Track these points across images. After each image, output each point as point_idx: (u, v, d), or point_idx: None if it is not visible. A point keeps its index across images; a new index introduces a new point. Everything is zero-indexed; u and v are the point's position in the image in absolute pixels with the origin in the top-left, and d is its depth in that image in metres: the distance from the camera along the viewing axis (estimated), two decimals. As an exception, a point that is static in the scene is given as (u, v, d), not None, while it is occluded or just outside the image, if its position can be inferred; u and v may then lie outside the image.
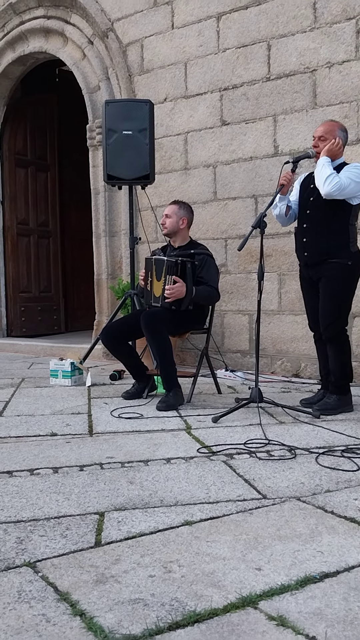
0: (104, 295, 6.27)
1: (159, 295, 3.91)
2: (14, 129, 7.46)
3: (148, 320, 3.83)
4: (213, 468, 2.59)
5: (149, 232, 5.73)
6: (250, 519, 2.04)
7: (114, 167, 4.83)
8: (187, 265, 3.84)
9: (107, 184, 5.56)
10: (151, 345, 3.91)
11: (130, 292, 4.93)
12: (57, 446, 2.95)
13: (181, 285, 3.81)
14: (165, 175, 5.69)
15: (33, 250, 7.73)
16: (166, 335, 3.85)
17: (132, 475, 2.50)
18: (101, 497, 2.25)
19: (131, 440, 3.05)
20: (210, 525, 1.98)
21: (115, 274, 6.21)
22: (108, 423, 3.43)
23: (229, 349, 5.39)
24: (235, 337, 5.38)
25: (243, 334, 5.34)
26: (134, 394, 4.10)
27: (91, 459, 2.72)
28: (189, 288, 3.83)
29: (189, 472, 2.53)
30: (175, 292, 3.81)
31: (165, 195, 5.65)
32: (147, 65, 5.80)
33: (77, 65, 6.33)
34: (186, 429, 3.28)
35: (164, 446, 2.94)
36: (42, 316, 7.79)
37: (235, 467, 2.60)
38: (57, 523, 2.01)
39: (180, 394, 3.88)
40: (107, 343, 4.14)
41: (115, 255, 6.21)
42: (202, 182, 5.50)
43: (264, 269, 3.54)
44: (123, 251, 6.07)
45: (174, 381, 3.88)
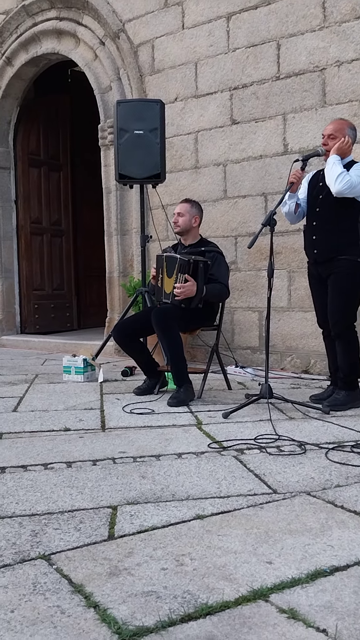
0: (115, 293, 6.28)
1: (169, 291, 3.90)
2: (27, 129, 7.47)
3: (159, 317, 3.83)
4: (224, 463, 2.59)
5: (160, 230, 5.73)
6: (261, 513, 2.04)
7: (125, 166, 4.83)
8: (200, 265, 3.83)
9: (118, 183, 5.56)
10: (162, 341, 3.91)
11: (141, 289, 4.93)
12: (71, 441, 2.96)
13: (192, 284, 3.81)
14: (176, 174, 5.69)
15: (46, 248, 7.75)
16: (177, 332, 3.85)
17: (144, 470, 2.50)
18: (114, 491, 2.26)
19: (143, 436, 3.05)
20: (221, 519, 1.98)
21: (126, 271, 6.21)
22: (120, 418, 3.44)
23: (239, 345, 5.38)
24: (245, 334, 5.37)
25: (253, 330, 5.33)
26: (145, 390, 4.10)
27: (104, 454, 2.73)
28: (199, 287, 3.82)
29: (200, 467, 2.53)
30: (185, 291, 3.81)
31: (176, 194, 5.65)
32: (157, 66, 5.79)
33: (89, 65, 6.33)
34: (197, 425, 3.28)
35: (175, 441, 2.94)
36: (55, 313, 7.82)
37: (246, 462, 2.60)
38: (71, 516, 2.02)
39: (191, 390, 3.88)
40: (118, 340, 4.14)
41: (126, 253, 6.22)
42: (213, 180, 5.49)
43: (274, 267, 3.52)
44: (134, 249, 6.08)
45: (184, 377, 3.88)
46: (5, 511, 2.07)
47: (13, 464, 2.59)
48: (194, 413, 3.56)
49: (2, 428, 3.22)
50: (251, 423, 3.27)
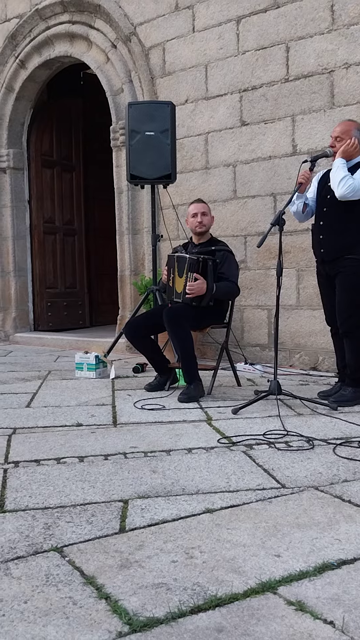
0: (127, 291, 6.29)
1: (180, 291, 3.91)
2: (40, 130, 7.49)
3: (170, 315, 3.83)
4: (233, 458, 2.59)
5: (171, 229, 5.73)
6: (270, 507, 2.04)
7: (136, 167, 4.83)
8: (209, 263, 3.84)
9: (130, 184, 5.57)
10: (173, 339, 3.91)
11: (152, 287, 4.93)
12: (83, 436, 2.97)
13: (202, 282, 3.81)
14: (187, 175, 5.68)
15: (59, 247, 7.77)
16: (187, 330, 3.85)
17: (155, 465, 2.51)
18: (125, 485, 2.26)
19: (154, 431, 3.06)
20: (230, 513, 1.99)
21: (138, 270, 6.22)
22: (131, 414, 3.45)
23: (248, 342, 5.37)
24: (254, 332, 5.36)
25: (262, 328, 5.32)
26: (156, 386, 4.11)
27: (115, 449, 2.74)
28: (209, 285, 3.82)
29: (209, 462, 2.54)
30: (196, 289, 3.81)
31: (186, 194, 5.64)
32: (168, 68, 5.79)
33: (101, 68, 6.33)
34: (207, 420, 3.28)
35: (186, 437, 2.94)
36: (68, 311, 7.84)
37: (255, 457, 2.60)
38: (83, 510, 2.03)
39: (201, 387, 3.89)
40: (130, 337, 4.15)
41: (138, 252, 6.22)
42: (222, 180, 5.48)
43: (283, 265, 3.52)
44: (145, 248, 6.08)
45: (195, 374, 3.88)
46: (19, 504, 2.08)
47: (26, 459, 2.60)
48: (204, 409, 3.57)
49: (16, 423, 3.23)
50: (260, 419, 3.27)
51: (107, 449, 2.75)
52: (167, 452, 2.69)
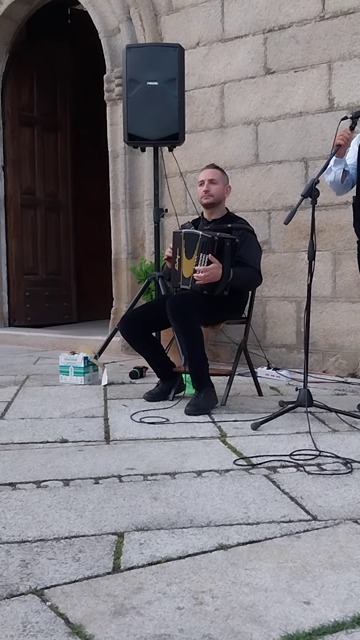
0: (123, 278, 6.29)
1: (188, 275, 3.90)
2: (17, 80, 7.50)
3: (175, 306, 3.83)
4: (253, 483, 2.59)
5: (177, 202, 5.73)
6: (297, 543, 2.04)
7: (136, 125, 4.83)
8: (226, 243, 3.82)
9: (127, 145, 5.56)
10: (179, 336, 3.91)
11: (154, 274, 4.93)
12: (68, 454, 2.98)
13: (217, 266, 3.80)
14: (197, 135, 5.68)
15: (40, 224, 7.79)
16: (197, 326, 3.85)
17: (157, 490, 2.51)
18: (120, 514, 2.27)
19: (155, 449, 3.06)
20: (249, 550, 1.99)
21: (136, 252, 6.22)
22: (128, 428, 3.45)
23: (272, 342, 5.37)
24: (279, 329, 5.35)
25: (289, 324, 5.31)
26: (158, 395, 4.11)
27: (108, 470, 2.74)
28: (225, 270, 3.82)
29: (223, 488, 2.54)
30: (208, 274, 3.80)
31: (196, 159, 5.64)
32: (176, 3, 5.77)
33: (92, 3, 6.33)
34: (220, 437, 3.28)
35: (194, 456, 2.94)
36: (51, 303, 7.86)
37: (280, 482, 2.60)
38: (69, 544, 2.04)
39: (213, 396, 3.89)
40: (126, 334, 4.15)
41: (136, 231, 6.22)
42: (242, 142, 5.47)
43: (316, 247, 3.51)
44: (146, 226, 6.08)
45: (205, 380, 3.89)
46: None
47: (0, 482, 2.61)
48: (216, 423, 3.57)
49: (-13, 438, 3.25)
50: (286, 436, 3.27)
51: (98, 470, 2.75)
52: (171, 475, 2.69)
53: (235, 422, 3.58)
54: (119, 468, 2.78)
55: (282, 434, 3.30)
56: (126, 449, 3.08)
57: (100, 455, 2.97)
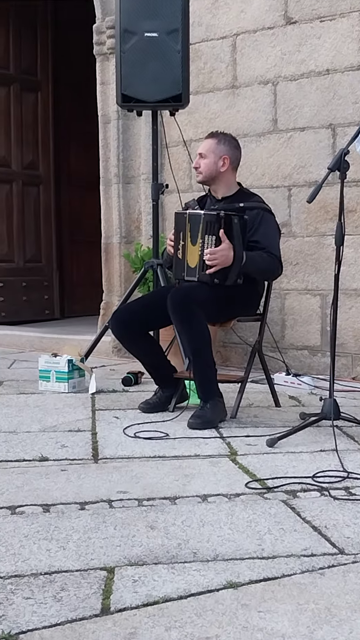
0: (115, 267, 6.29)
1: (194, 265, 3.90)
2: (-10, 30, 7.50)
3: (178, 300, 3.83)
4: (268, 510, 2.59)
5: (180, 176, 5.73)
6: (321, 582, 2.04)
7: (131, 85, 4.82)
8: (234, 220, 3.82)
9: (121, 109, 5.55)
10: (181, 336, 3.91)
11: (152, 261, 4.93)
12: (49, 475, 2.98)
13: (227, 247, 3.79)
14: (205, 97, 5.67)
15: (16, 202, 7.79)
16: (203, 323, 3.85)
17: (154, 518, 2.51)
18: (110, 546, 2.27)
19: (152, 470, 3.06)
20: (263, 590, 1.99)
21: (131, 236, 6.22)
22: (120, 445, 3.45)
23: (291, 344, 5.37)
24: (301, 328, 5.35)
25: (312, 322, 5.31)
26: (156, 406, 4.11)
27: (96, 494, 2.74)
28: (237, 253, 3.81)
29: (233, 515, 2.54)
30: (218, 257, 3.79)
31: (204, 125, 5.63)
32: None
33: None
34: (230, 455, 3.28)
35: (199, 478, 2.94)
36: (29, 295, 7.85)
37: (300, 509, 2.60)
38: (49, 581, 2.03)
39: (221, 407, 3.89)
40: (119, 333, 4.14)
41: (131, 210, 6.22)
42: (257, 105, 5.46)
43: (345, 230, 3.50)
44: (143, 204, 6.08)
45: (213, 388, 3.89)
46: None
47: (-33, 506, 2.62)
48: (225, 439, 3.57)
49: None
50: (308, 454, 3.27)
51: (85, 494, 2.75)
52: (171, 500, 2.69)
53: (248, 437, 3.58)
54: (109, 491, 2.78)
55: (304, 452, 3.30)
56: (118, 468, 3.08)
57: (87, 476, 2.97)
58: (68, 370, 4.68)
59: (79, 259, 8.36)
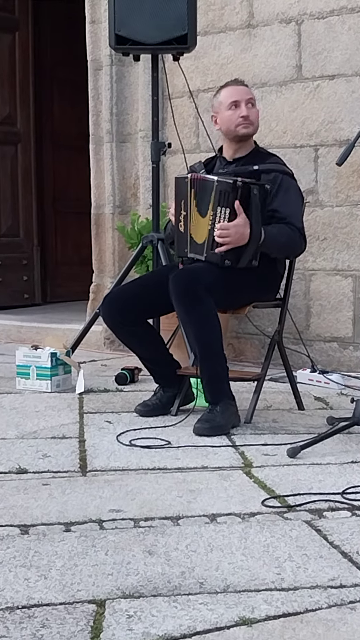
0: (107, 242, 6.28)
1: (202, 240, 3.90)
2: None
3: (182, 283, 3.83)
4: (289, 532, 2.59)
5: (186, 134, 5.71)
6: (352, 618, 2.04)
7: (127, 23, 4.80)
8: (253, 190, 3.81)
9: (114, 52, 5.53)
10: (186, 325, 3.91)
11: (151, 236, 4.92)
12: (28, 490, 2.98)
13: (243, 222, 3.79)
14: (215, 38, 5.65)
15: (-11, 164, 7.78)
16: (213, 310, 3.85)
17: (153, 541, 2.51)
18: (100, 575, 2.27)
19: (151, 484, 3.06)
20: (283, 627, 1.99)
21: (126, 205, 6.21)
22: (112, 454, 3.45)
23: (318, 334, 5.36)
24: (329, 315, 5.34)
25: (343, 309, 5.30)
26: (156, 408, 4.12)
27: (84, 513, 2.74)
28: (254, 229, 3.81)
29: (247, 539, 2.54)
30: (231, 234, 3.79)
31: (214, 72, 5.62)
32: None
33: None
34: (244, 467, 3.28)
35: (207, 494, 2.95)
36: (4, 276, 7.85)
37: (327, 531, 2.60)
38: (27, 616, 2.03)
39: (233, 409, 3.89)
40: (111, 321, 4.14)
41: (127, 174, 6.20)
42: (278, 49, 5.44)
43: (382, 198, 3.49)
44: (140, 167, 6.06)
45: (223, 387, 3.89)
46: None
47: None
48: (238, 448, 3.57)
49: None
50: (337, 466, 3.27)
51: (70, 513, 2.75)
52: (173, 521, 2.69)
53: (265, 446, 3.58)
54: (99, 510, 2.78)
55: (331, 464, 3.30)
56: (110, 483, 3.08)
57: (73, 492, 2.96)
58: (51, 366, 4.68)
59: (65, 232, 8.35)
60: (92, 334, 5.54)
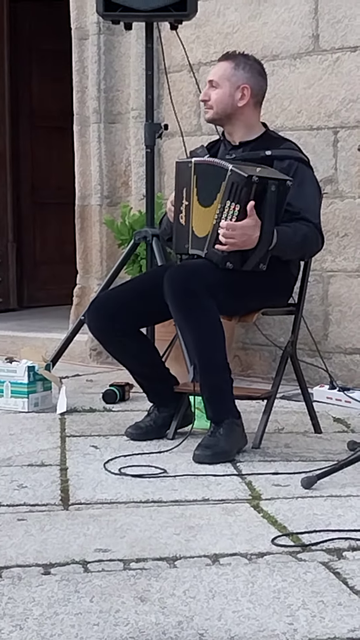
0: (93, 238, 6.28)
1: (204, 234, 3.90)
2: None
3: (180, 284, 3.83)
4: (303, 576, 2.59)
5: (185, 114, 5.72)
6: (375, 675, 2.04)
7: (117, -14, 4.83)
8: (270, 187, 3.79)
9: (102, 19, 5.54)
10: (184, 335, 3.91)
11: (145, 231, 4.93)
12: (1, 527, 2.98)
13: (253, 224, 3.78)
14: (218, 3, 5.67)
15: None
16: (215, 317, 3.85)
17: (145, 586, 2.50)
18: (84, 625, 2.27)
19: (143, 519, 3.06)
20: None
21: (116, 196, 6.22)
22: (99, 485, 3.45)
23: (338, 346, 5.37)
24: (350, 324, 5.34)
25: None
26: (149, 431, 4.13)
27: (66, 553, 2.74)
28: (265, 232, 3.80)
29: (255, 583, 2.53)
30: (237, 235, 3.78)
31: (217, 42, 5.63)
32: None
33: None
34: (251, 500, 3.29)
35: (208, 532, 2.94)
36: (-26, 277, 7.87)
37: (347, 574, 2.59)
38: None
39: (239, 432, 3.90)
40: (99, 330, 4.15)
41: (117, 160, 6.21)
42: (291, 15, 5.46)
43: None
44: (132, 152, 6.07)
45: (228, 407, 3.89)
46: None
47: None
48: (245, 477, 3.57)
49: None
50: (359, 499, 3.28)
51: (50, 553, 2.74)
52: (169, 562, 2.68)
53: (276, 475, 3.58)
54: (83, 549, 2.77)
55: (352, 496, 3.30)
56: (96, 518, 3.08)
57: (54, 528, 2.96)
58: (28, 382, 4.69)
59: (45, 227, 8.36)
60: (76, 345, 5.54)
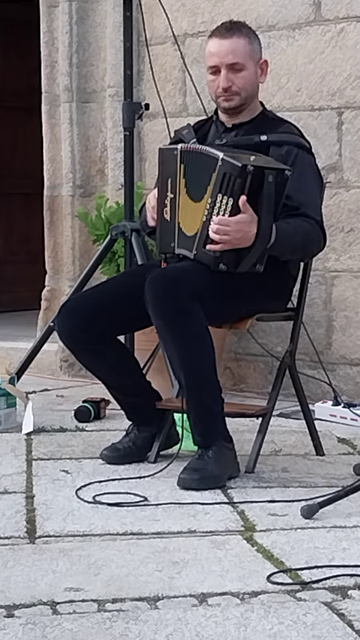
0: (64, 233, 6.29)
1: (193, 232, 3.92)
2: None
3: (162, 289, 3.84)
4: (302, 617, 2.59)
5: (169, 92, 5.73)
6: None
7: None
8: (268, 177, 3.80)
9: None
10: (167, 345, 3.92)
11: (123, 225, 4.93)
12: None
13: (249, 219, 3.79)
14: (207, -34, 5.69)
15: None
16: (202, 325, 3.86)
17: (122, 630, 2.50)
18: (53, 675, 2.28)
19: (121, 554, 3.06)
20: None
21: (90, 185, 6.23)
22: (70, 515, 3.46)
23: (342, 356, 5.38)
24: (357, 331, 5.36)
25: (375, 323, 5.33)
26: (128, 453, 4.14)
27: (32, 593, 2.74)
28: (262, 229, 3.81)
29: (248, 626, 2.53)
30: (231, 231, 3.79)
31: (205, 11, 5.64)
32: None
33: None
34: (244, 532, 3.29)
35: (194, 568, 2.94)
36: None
37: (353, 615, 2.60)
38: None
39: (231, 455, 3.91)
40: (70, 338, 4.15)
41: (91, 145, 6.22)
42: (289, -19, 5.48)
43: None
44: (109, 135, 6.08)
45: (217, 426, 3.90)
46: None
47: None
48: (237, 506, 3.58)
49: None
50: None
51: (14, 592, 2.75)
52: (150, 603, 2.68)
53: (272, 503, 3.59)
54: (52, 588, 2.77)
55: (359, 527, 3.31)
56: (66, 552, 3.07)
57: (18, 565, 2.96)
58: (-9, 398, 4.70)
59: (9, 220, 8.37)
60: (45, 355, 5.55)
